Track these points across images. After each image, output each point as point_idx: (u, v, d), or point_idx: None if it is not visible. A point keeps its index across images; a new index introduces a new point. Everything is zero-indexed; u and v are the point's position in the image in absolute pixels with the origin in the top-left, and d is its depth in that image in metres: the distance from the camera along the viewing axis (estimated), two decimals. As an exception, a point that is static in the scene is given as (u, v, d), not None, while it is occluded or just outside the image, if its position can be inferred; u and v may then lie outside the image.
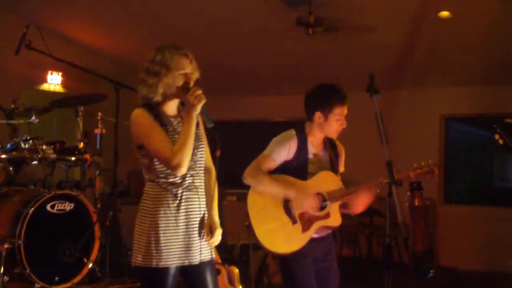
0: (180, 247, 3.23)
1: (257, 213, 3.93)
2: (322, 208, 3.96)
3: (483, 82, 9.07)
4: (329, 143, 4.16)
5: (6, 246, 4.94)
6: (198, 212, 3.31)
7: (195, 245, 3.27)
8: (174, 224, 3.21)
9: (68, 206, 5.33)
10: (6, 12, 8.20)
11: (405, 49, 8.30)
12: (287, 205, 3.94)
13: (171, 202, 3.22)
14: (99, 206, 5.81)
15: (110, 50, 9.53)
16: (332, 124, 4.00)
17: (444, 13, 7.06)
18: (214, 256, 3.43)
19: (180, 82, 3.24)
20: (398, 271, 3.90)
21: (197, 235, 3.28)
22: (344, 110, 4.01)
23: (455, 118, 9.90)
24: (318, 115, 4.01)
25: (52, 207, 5.23)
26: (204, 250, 3.34)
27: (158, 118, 3.23)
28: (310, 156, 4.04)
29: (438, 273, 7.94)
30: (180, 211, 3.23)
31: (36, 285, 5.01)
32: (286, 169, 3.99)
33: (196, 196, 3.31)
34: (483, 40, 7.70)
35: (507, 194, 9.58)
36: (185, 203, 3.25)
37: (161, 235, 3.18)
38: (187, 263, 3.26)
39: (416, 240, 7.89)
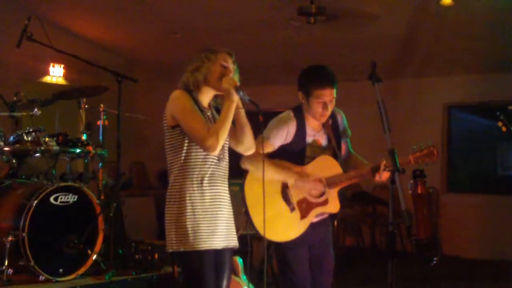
0: (206, 233, 3.32)
1: (254, 200, 3.89)
2: (320, 194, 3.95)
3: (485, 70, 9.06)
4: (330, 119, 4.05)
5: (10, 238, 4.94)
6: (222, 198, 3.45)
7: (220, 230, 3.39)
8: (200, 210, 3.33)
9: (72, 198, 5.32)
10: (8, 4, 8.20)
11: (408, 38, 8.28)
12: (285, 192, 3.91)
13: (195, 189, 3.33)
14: (102, 198, 5.81)
15: (112, 42, 9.53)
16: (313, 106, 3.91)
17: (447, 1, 7.04)
18: (236, 244, 3.54)
19: (218, 72, 3.44)
20: (402, 260, 3.91)
21: (223, 220, 3.41)
22: (325, 93, 3.88)
23: (458, 106, 9.89)
24: (300, 95, 3.98)
25: (56, 199, 5.22)
26: (229, 236, 3.46)
27: (195, 103, 3.41)
28: (309, 140, 4.00)
29: (441, 261, 7.98)
30: (206, 196, 3.35)
31: (40, 277, 5.01)
32: (284, 153, 3.95)
33: (221, 182, 3.45)
34: (486, 28, 7.68)
35: (510, 182, 9.57)
36: (210, 189, 3.38)
37: (188, 221, 3.30)
38: (212, 248, 3.36)
39: (419, 228, 7.88)
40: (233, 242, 3.51)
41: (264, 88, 10.61)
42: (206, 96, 3.52)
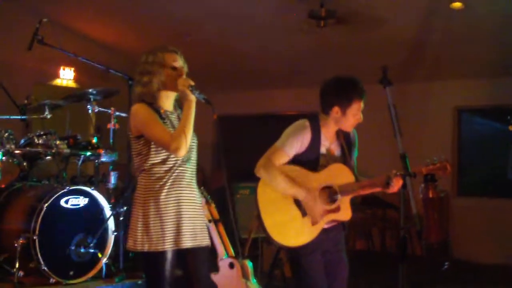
0: (171, 232, 3.42)
1: (266, 204, 3.90)
2: (333, 201, 3.92)
3: (496, 74, 9.02)
4: (342, 132, 4.07)
5: (21, 241, 4.96)
6: (188, 199, 3.52)
7: (186, 230, 3.46)
8: (164, 211, 3.42)
9: (82, 201, 5.34)
10: (19, 7, 8.24)
11: (418, 41, 8.26)
12: (297, 198, 3.90)
13: (160, 190, 3.44)
14: (112, 201, 5.82)
15: (122, 45, 9.55)
16: (349, 119, 3.93)
17: (457, 4, 7.02)
18: (208, 243, 3.63)
19: (172, 76, 3.51)
20: (412, 264, 3.89)
21: (188, 220, 3.48)
22: (362, 105, 3.94)
23: (468, 110, 9.84)
24: (336, 110, 3.93)
25: (66, 202, 5.24)
26: (198, 236, 3.53)
27: (156, 112, 3.51)
28: (323, 150, 3.97)
29: (451, 265, 7.95)
30: (170, 198, 3.44)
31: (51, 279, 5.03)
32: (298, 160, 3.93)
33: (187, 184, 3.52)
34: (496, 31, 7.65)
35: (521, 186, 9.51)
36: (176, 191, 3.47)
37: (151, 222, 3.41)
38: (178, 247, 3.44)
39: (430, 232, 7.85)
40: (206, 241, 3.59)
41: (274, 92, 10.62)
42: (168, 100, 3.61)
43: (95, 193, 5.45)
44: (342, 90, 3.94)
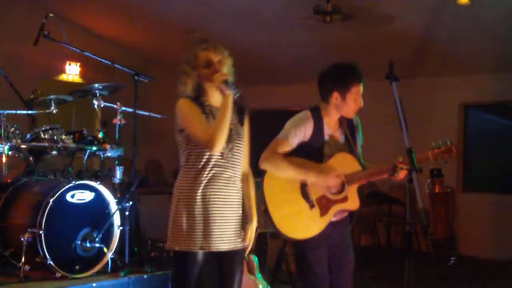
0: (200, 234, 3.36)
1: (273, 198, 3.88)
2: (340, 191, 3.90)
3: (502, 70, 9.00)
4: (345, 120, 4.04)
5: (27, 235, 4.97)
6: (223, 201, 3.43)
7: (217, 233, 3.38)
8: (194, 212, 3.36)
9: (88, 196, 5.34)
10: (26, 2, 8.26)
11: (425, 37, 8.25)
12: (304, 190, 3.87)
13: (194, 190, 3.38)
14: (118, 195, 5.83)
15: (128, 41, 9.56)
16: (349, 103, 3.90)
17: (463, 0, 7.00)
18: (244, 246, 3.55)
19: (208, 74, 3.46)
20: (418, 259, 3.89)
21: (220, 223, 3.40)
22: (360, 88, 3.91)
23: (474, 105, 9.84)
24: (335, 95, 3.91)
25: (72, 196, 5.25)
26: (232, 238, 3.45)
27: (200, 107, 3.46)
28: (326, 137, 3.96)
29: (457, 261, 7.95)
30: (203, 199, 3.37)
31: (56, 274, 5.04)
32: (302, 151, 3.91)
33: (224, 184, 3.44)
34: (503, 27, 7.63)
35: (527, 182, 9.50)
36: (210, 191, 3.39)
37: (183, 221, 3.37)
38: (208, 250, 3.39)
39: (436, 227, 7.83)
40: (241, 244, 3.52)
41: (280, 87, 10.62)
42: (215, 94, 3.52)
43: (101, 188, 5.45)
44: (339, 75, 3.92)
